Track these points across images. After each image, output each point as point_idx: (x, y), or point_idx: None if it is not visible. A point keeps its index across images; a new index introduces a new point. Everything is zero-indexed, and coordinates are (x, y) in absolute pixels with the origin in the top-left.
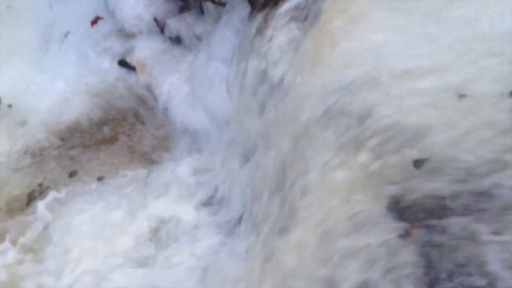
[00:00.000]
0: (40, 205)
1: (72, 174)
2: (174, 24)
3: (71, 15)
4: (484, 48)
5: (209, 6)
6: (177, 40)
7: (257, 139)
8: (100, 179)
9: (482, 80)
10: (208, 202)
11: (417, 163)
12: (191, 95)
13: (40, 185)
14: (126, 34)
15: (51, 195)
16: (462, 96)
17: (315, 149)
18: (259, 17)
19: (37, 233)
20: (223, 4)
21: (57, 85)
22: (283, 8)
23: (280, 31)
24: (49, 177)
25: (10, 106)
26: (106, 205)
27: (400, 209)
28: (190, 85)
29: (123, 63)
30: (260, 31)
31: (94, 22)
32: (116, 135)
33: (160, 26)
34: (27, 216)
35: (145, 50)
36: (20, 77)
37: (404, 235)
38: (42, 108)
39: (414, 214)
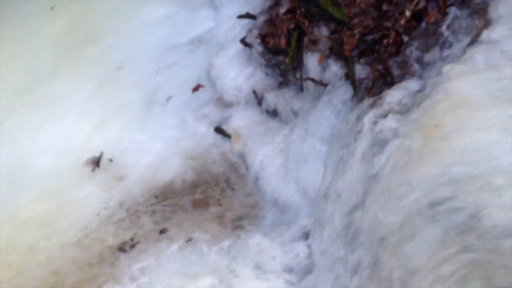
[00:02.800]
0: (130, 259)
1: (162, 232)
2: (272, 98)
3: (174, 82)
4: None
5: (309, 85)
6: (273, 113)
7: (353, 223)
8: (188, 240)
9: None
10: (293, 277)
11: None
12: (284, 168)
13: (131, 239)
14: (224, 103)
15: (141, 249)
16: None
17: (420, 243)
18: (363, 102)
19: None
20: (325, 85)
21: (156, 146)
22: (388, 96)
23: (383, 123)
24: (140, 232)
25: (111, 160)
26: (192, 266)
27: None
28: (284, 158)
29: (219, 130)
30: (362, 116)
31: (195, 89)
32: (207, 199)
33: (258, 99)
34: (116, 268)
35: (242, 120)
36: (122, 134)
37: None
38: (140, 166)
39: None
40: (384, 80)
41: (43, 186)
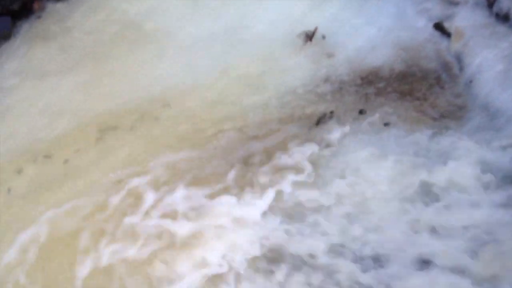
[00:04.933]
0: (326, 128)
1: (361, 112)
2: (507, 2)
3: None
4: None
5: None
6: (504, 18)
7: None
8: (386, 124)
9: None
10: (490, 182)
11: None
12: (505, 74)
13: (331, 112)
14: (449, 1)
15: (338, 123)
16: None
17: None
18: None
19: (316, 153)
20: None
21: (370, 31)
22: None
23: None
24: (341, 108)
25: (323, 37)
26: (384, 148)
27: None
28: (507, 64)
29: (438, 27)
30: None
31: None
32: (413, 91)
33: (490, 1)
34: (311, 133)
35: (466, 20)
36: (338, 15)
37: None
38: (350, 47)
39: None
40: None
41: (256, 50)
